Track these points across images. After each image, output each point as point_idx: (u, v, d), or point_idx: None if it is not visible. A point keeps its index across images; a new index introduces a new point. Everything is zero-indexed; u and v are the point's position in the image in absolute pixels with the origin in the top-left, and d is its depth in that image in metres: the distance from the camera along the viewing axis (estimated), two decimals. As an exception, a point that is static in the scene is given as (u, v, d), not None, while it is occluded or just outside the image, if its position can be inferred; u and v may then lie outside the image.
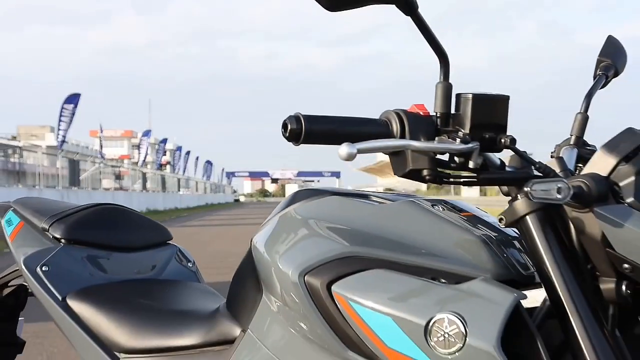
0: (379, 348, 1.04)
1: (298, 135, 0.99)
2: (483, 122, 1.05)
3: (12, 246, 1.69)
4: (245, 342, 1.28)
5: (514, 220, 1.06)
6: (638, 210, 0.97)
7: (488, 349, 0.96)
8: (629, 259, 0.97)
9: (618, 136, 1.03)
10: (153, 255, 1.77)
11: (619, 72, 1.39)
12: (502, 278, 1.06)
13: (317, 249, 1.13)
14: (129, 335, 1.49)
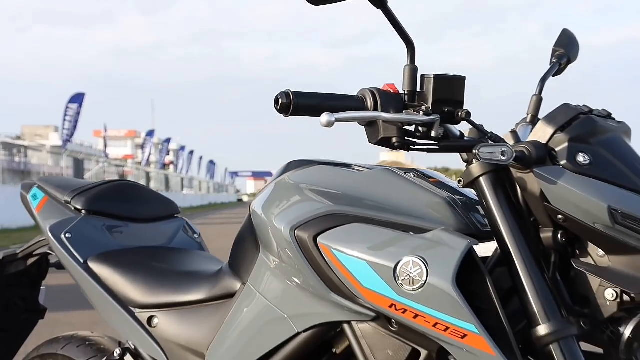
0: (356, 288, 1.23)
1: (288, 108, 1.19)
2: (443, 98, 1.24)
3: (39, 217, 1.88)
4: (245, 293, 1.48)
5: (469, 182, 1.25)
6: (570, 170, 1.17)
7: (445, 286, 1.15)
8: (562, 210, 1.17)
9: (556, 110, 1.23)
10: (163, 226, 1.97)
11: (572, 60, 1.58)
12: (463, 232, 1.26)
13: (306, 208, 1.33)
14: (143, 292, 1.69)
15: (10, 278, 2.07)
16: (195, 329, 1.58)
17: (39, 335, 2.24)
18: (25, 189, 1.99)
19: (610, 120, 1.25)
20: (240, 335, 1.47)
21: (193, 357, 1.58)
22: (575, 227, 1.18)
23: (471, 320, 1.13)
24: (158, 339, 1.64)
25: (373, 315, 1.26)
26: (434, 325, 1.16)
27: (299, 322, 1.36)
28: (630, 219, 1.13)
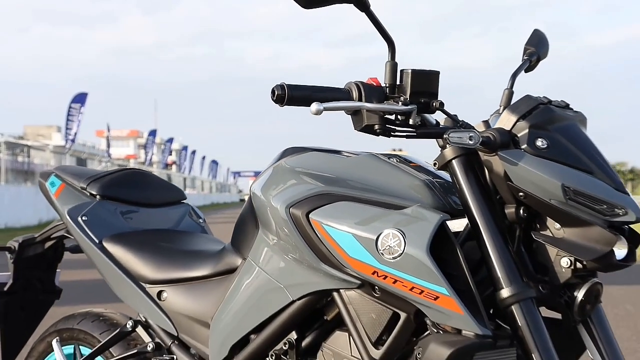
0: (343, 258, 1.40)
1: (282, 99, 1.35)
2: (420, 90, 1.41)
3: (57, 202, 2.05)
4: (246, 267, 1.65)
5: (443, 164, 1.42)
6: (529, 153, 1.33)
7: (420, 254, 1.32)
8: (522, 188, 1.33)
9: (519, 101, 1.40)
10: (171, 211, 2.13)
11: (542, 57, 1.74)
12: (439, 209, 1.42)
13: (300, 189, 1.49)
14: (153, 269, 1.85)
15: (29, 261, 2.23)
16: (200, 301, 1.75)
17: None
18: (43, 177, 2.16)
19: (567, 110, 1.41)
20: (241, 305, 1.63)
21: (199, 326, 1.74)
22: (534, 203, 1.34)
23: (442, 284, 1.30)
24: (167, 311, 1.81)
25: (358, 282, 1.42)
26: (411, 289, 1.33)
27: (294, 291, 1.53)
28: (581, 195, 1.30)
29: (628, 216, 1.31)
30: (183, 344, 1.79)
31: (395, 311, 1.42)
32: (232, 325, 1.65)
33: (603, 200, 1.31)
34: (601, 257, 1.31)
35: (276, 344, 1.58)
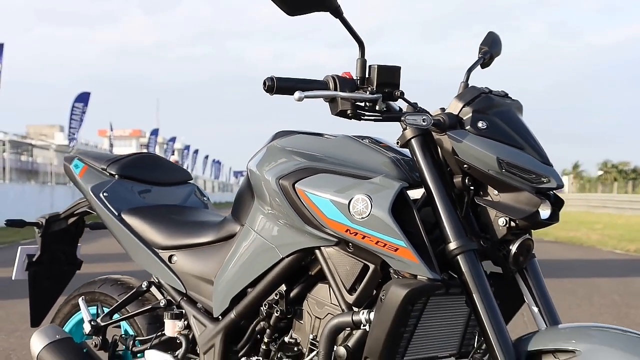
0: (323, 219, 1.71)
1: (272, 89, 1.66)
2: (384, 82, 1.72)
3: (81, 181, 2.36)
4: (244, 232, 1.96)
5: (404, 143, 1.72)
6: (472, 133, 1.63)
7: (383, 214, 1.62)
8: (467, 161, 1.64)
9: (465, 90, 1.71)
10: (179, 189, 2.44)
11: (494, 56, 2.03)
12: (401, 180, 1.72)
13: (288, 164, 1.81)
14: (164, 237, 2.16)
15: (54, 235, 2.55)
16: (205, 263, 2.06)
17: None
18: (67, 160, 2.47)
19: (506, 99, 1.72)
20: (239, 264, 1.95)
21: (204, 284, 2.05)
22: (476, 174, 1.65)
23: (401, 238, 1.61)
24: (177, 272, 2.12)
25: (335, 240, 1.73)
26: (376, 243, 1.64)
27: (283, 249, 1.84)
28: (513, 167, 1.61)
29: (551, 183, 1.62)
30: (191, 300, 2.11)
31: (365, 263, 1.72)
32: (232, 281, 1.96)
33: (531, 171, 1.61)
34: (529, 217, 1.61)
35: (269, 295, 1.89)
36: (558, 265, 10.78)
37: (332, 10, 1.69)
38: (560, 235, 17.81)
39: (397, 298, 1.59)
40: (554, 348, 1.55)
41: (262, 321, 1.92)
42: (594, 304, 6.82)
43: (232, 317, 1.96)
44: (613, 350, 1.48)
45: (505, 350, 1.57)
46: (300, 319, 1.87)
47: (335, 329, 1.73)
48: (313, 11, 1.70)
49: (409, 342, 1.67)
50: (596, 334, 1.55)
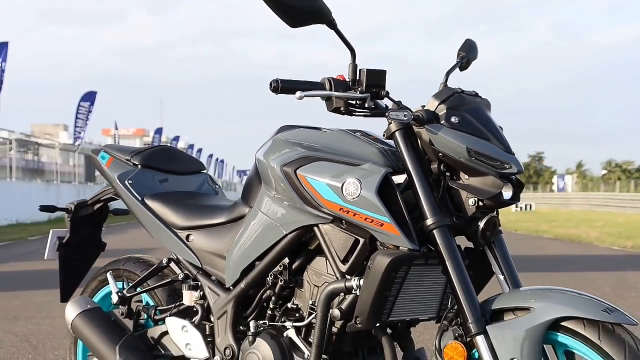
0: (320, 200, 2.01)
1: (277, 89, 1.96)
2: (372, 83, 2.02)
3: (108, 170, 2.66)
4: (252, 213, 2.26)
5: (389, 135, 2.01)
6: (446, 127, 1.93)
7: (371, 195, 1.92)
8: (441, 150, 1.93)
9: (441, 90, 2.00)
10: (193, 178, 2.74)
11: (471, 61, 2.32)
12: (387, 167, 2.02)
13: (291, 153, 2.10)
14: (182, 219, 2.46)
15: (82, 220, 2.85)
16: (218, 240, 2.36)
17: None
18: (95, 152, 2.77)
19: (476, 97, 2.01)
20: (248, 240, 2.24)
21: (218, 259, 2.35)
22: (449, 161, 1.94)
23: (385, 215, 1.90)
24: (193, 249, 2.42)
25: (331, 218, 2.03)
26: (365, 219, 1.93)
27: (286, 227, 2.14)
28: (480, 155, 1.90)
29: (512, 169, 1.91)
30: (205, 273, 2.40)
31: (356, 237, 2.02)
32: (242, 255, 2.26)
33: (495, 158, 1.91)
34: (494, 197, 1.91)
35: (274, 267, 2.19)
36: (555, 261, 11.07)
37: (328, 23, 1.99)
38: (560, 233, 18.04)
39: (382, 266, 1.89)
40: (514, 306, 1.84)
41: (268, 290, 2.22)
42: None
43: (242, 286, 2.26)
44: (561, 307, 1.78)
45: (473, 309, 1.86)
46: (301, 288, 2.17)
47: (331, 294, 2.03)
48: (311, 24, 1.99)
49: (393, 304, 1.97)
50: (550, 294, 1.85)
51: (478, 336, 1.83)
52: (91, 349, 2.51)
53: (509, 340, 1.79)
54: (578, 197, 49.67)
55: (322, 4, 1.97)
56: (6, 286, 7.89)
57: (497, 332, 1.82)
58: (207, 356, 2.32)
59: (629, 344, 1.72)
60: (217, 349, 2.30)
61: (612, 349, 1.72)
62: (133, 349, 2.42)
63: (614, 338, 1.73)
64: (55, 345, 4.70)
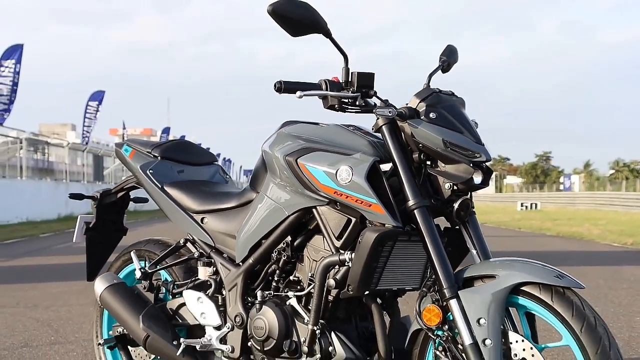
0: (317, 185, 2.33)
1: (280, 89, 2.28)
2: (362, 84, 2.33)
3: (131, 162, 2.98)
4: (259, 198, 2.58)
5: (377, 129, 2.33)
6: (425, 121, 2.24)
7: (361, 180, 2.24)
8: (421, 142, 2.25)
9: (422, 90, 2.31)
10: (206, 169, 3.06)
11: (452, 64, 2.63)
12: (376, 156, 2.33)
13: (293, 145, 2.42)
14: (197, 204, 2.78)
15: (106, 207, 3.18)
16: (229, 222, 2.68)
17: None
18: (118, 146, 3.09)
19: (452, 96, 2.33)
20: (256, 221, 2.56)
21: (229, 238, 2.67)
22: (428, 151, 2.26)
23: (373, 197, 2.22)
24: (207, 230, 2.74)
25: (327, 200, 2.35)
26: (355, 201, 2.25)
27: (289, 209, 2.45)
28: (454, 146, 2.21)
29: (482, 157, 2.23)
30: (218, 251, 2.73)
31: (349, 217, 2.33)
32: (250, 235, 2.58)
33: (467, 149, 2.22)
34: (466, 182, 2.22)
35: (278, 245, 2.51)
36: (553, 256, 11.26)
37: (324, 32, 2.30)
38: (563, 231, 18.23)
39: (370, 240, 2.20)
40: (482, 274, 2.16)
41: (273, 264, 2.54)
42: None
43: (250, 262, 2.58)
44: (521, 274, 2.09)
45: (448, 278, 2.18)
46: (302, 262, 2.49)
47: (327, 267, 2.35)
48: (309, 34, 2.31)
49: (380, 275, 2.28)
50: (513, 263, 2.16)
51: (451, 300, 2.15)
52: (117, 319, 2.84)
53: (478, 303, 2.11)
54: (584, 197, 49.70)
55: (319, 17, 2.29)
56: (23, 279, 8.24)
57: (468, 296, 2.13)
58: (219, 323, 2.64)
59: (576, 304, 2.03)
60: (228, 317, 2.62)
61: (562, 309, 2.03)
62: (154, 318, 2.75)
63: (564, 299, 2.04)
64: (74, 329, 5.03)
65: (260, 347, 2.48)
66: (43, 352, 4.30)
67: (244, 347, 2.57)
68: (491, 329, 2.08)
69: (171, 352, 2.67)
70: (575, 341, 2.01)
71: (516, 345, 2.10)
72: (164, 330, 2.71)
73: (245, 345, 2.57)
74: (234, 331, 2.59)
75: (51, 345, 4.52)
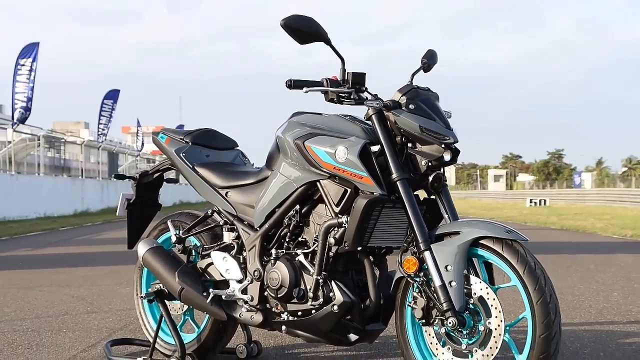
0: (320, 162, 2.90)
1: (290, 86, 2.85)
2: (356, 82, 2.91)
3: (167, 147, 3.56)
4: (273, 174, 3.16)
5: (367, 118, 2.91)
6: (406, 111, 2.80)
7: (354, 158, 2.80)
8: (402, 127, 2.82)
9: (404, 86, 2.89)
10: (228, 153, 3.63)
11: (432, 66, 3.18)
12: (368, 140, 2.90)
13: (301, 131, 3.00)
14: (222, 181, 3.36)
15: (144, 186, 3.77)
16: (249, 195, 3.26)
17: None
18: (155, 134, 3.68)
19: (428, 91, 2.90)
20: (271, 194, 3.14)
21: (249, 208, 3.26)
22: (408, 135, 2.83)
23: (364, 171, 2.79)
24: (230, 202, 3.33)
25: (328, 175, 2.92)
26: (350, 175, 2.82)
27: (297, 182, 3.03)
28: (428, 130, 2.78)
29: (450, 140, 2.79)
30: (240, 219, 3.31)
31: (345, 188, 2.90)
32: (266, 205, 3.16)
33: (439, 133, 2.79)
34: (438, 159, 2.79)
35: (289, 212, 3.09)
36: (553, 246, 11.65)
37: (325, 40, 2.88)
38: (567, 224, 18.59)
39: (361, 206, 2.78)
40: (450, 231, 2.73)
41: (285, 228, 3.12)
42: (568, 269, 7.84)
43: (266, 227, 3.16)
44: (479, 230, 2.66)
45: (423, 235, 2.74)
46: (308, 226, 3.07)
47: (328, 228, 2.92)
48: (314, 42, 2.88)
49: (370, 234, 2.86)
50: (474, 222, 2.72)
51: (425, 252, 2.72)
52: (156, 275, 3.42)
53: (446, 254, 2.68)
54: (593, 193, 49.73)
55: (321, 28, 2.86)
56: (51, 265, 8.84)
57: (438, 249, 2.71)
58: (241, 277, 3.22)
59: (521, 253, 2.60)
60: (248, 272, 3.20)
61: (510, 257, 2.60)
62: (188, 274, 3.33)
63: (512, 249, 2.61)
64: (107, 302, 5.62)
65: (274, 295, 3.06)
66: (82, 319, 4.88)
67: (261, 296, 3.15)
68: (456, 274, 2.65)
69: (201, 302, 3.26)
70: (520, 281, 2.58)
71: (475, 286, 2.67)
72: (196, 284, 3.30)
73: (262, 294, 3.15)
74: (253, 283, 3.17)
75: (88, 314, 5.10)
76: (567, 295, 5.78)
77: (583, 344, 3.98)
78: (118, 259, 8.90)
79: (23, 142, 26.46)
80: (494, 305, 2.62)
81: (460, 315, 2.65)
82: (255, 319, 3.18)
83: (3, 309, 5.31)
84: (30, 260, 9.66)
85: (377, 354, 3.72)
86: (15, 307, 5.39)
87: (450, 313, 2.64)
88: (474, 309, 2.67)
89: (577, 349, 3.84)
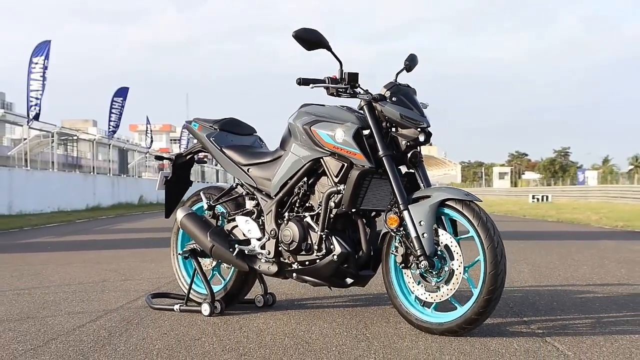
0: (323, 142, 3.71)
1: (299, 82, 3.65)
2: (351, 80, 3.70)
3: (199, 133, 4.35)
4: (285, 154, 3.96)
5: (360, 108, 3.70)
6: (389, 102, 3.59)
7: (349, 139, 3.60)
8: (387, 115, 3.62)
9: (388, 83, 3.68)
10: (248, 137, 4.40)
11: (412, 67, 3.97)
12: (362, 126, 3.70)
13: (307, 118, 3.80)
14: (244, 159, 4.16)
15: (179, 165, 4.58)
16: (267, 170, 4.06)
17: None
18: (188, 122, 4.47)
19: (408, 87, 3.70)
20: (284, 169, 3.93)
21: (267, 181, 4.05)
22: (391, 121, 3.61)
23: (357, 149, 3.58)
24: (252, 177, 4.13)
25: (329, 153, 3.72)
26: (347, 152, 3.62)
27: (305, 159, 3.83)
28: (407, 118, 3.56)
29: (424, 124, 3.57)
30: (259, 190, 4.10)
31: (343, 163, 3.69)
32: (280, 178, 3.95)
33: (415, 119, 3.57)
34: (414, 140, 3.58)
35: (298, 183, 3.88)
36: (546, 234, 12.36)
37: (327, 48, 3.67)
38: (563, 217, 19.16)
39: (355, 176, 3.58)
40: (423, 195, 3.52)
41: (295, 196, 3.90)
42: (551, 251, 8.52)
43: (280, 195, 3.95)
44: (445, 193, 3.45)
45: (402, 198, 3.52)
46: (313, 194, 3.86)
47: (329, 195, 3.71)
48: (318, 48, 3.68)
49: (362, 199, 3.65)
50: (444, 189, 3.51)
51: (404, 211, 3.51)
52: (191, 235, 4.22)
53: (420, 212, 3.47)
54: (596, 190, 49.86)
55: (323, 38, 3.64)
56: (78, 248, 9.58)
57: (414, 209, 3.50)
58: (260, 236, 4.02)
59: (476, 210, 3.39)
60: (266, 231, 4.00)
61: (468, 214, 3.38)
62: (217, 234, 4.13)
63: (469, 208, 3.40)
64: (138, 273, 6.35)
65: (287, 249, 3.86)
66: (120, 284, 5.64)
67: (276, 251, 3.95)
68: (427, 227, 3.44)
69: (229, 256, 4.06)
70: (475, 232, 3.37)
71: (442, 237, 3.46)
72: (224, 242, 4.10)
73: (277, 249, 3.95)
74: (270, 240, 3.97)
75: (124, 281, 5.85)
76: (542, 268, 6.54)
77: (542, 297, 4.77)
78: (138, 243, 9.65)
79: (37, 139, 26.91)
80: (456, 251, 3.41)
81: (430, 259, 3.43)
82: (271, 269, 3.98)
83: (49, 279, 6.07)
84: (56, 245, 10.38)
85: (370, 303, 4.51)
86: (59, 277, 6.14)
87: (423, 258, 3.43)
88: (441, 254, 3.45)
89: (535, 300, 4.62)
